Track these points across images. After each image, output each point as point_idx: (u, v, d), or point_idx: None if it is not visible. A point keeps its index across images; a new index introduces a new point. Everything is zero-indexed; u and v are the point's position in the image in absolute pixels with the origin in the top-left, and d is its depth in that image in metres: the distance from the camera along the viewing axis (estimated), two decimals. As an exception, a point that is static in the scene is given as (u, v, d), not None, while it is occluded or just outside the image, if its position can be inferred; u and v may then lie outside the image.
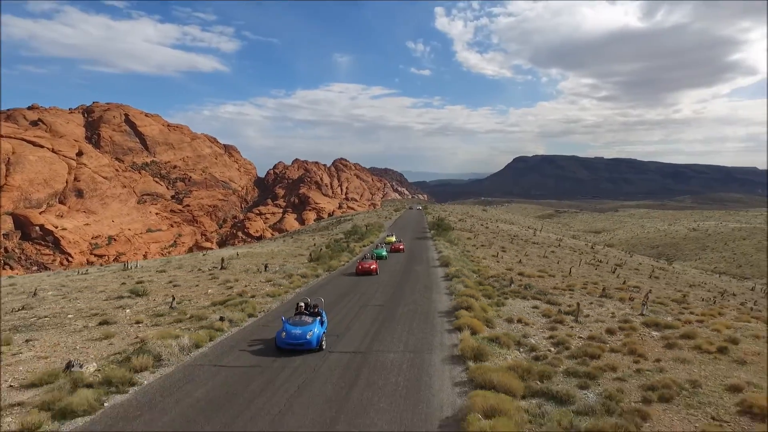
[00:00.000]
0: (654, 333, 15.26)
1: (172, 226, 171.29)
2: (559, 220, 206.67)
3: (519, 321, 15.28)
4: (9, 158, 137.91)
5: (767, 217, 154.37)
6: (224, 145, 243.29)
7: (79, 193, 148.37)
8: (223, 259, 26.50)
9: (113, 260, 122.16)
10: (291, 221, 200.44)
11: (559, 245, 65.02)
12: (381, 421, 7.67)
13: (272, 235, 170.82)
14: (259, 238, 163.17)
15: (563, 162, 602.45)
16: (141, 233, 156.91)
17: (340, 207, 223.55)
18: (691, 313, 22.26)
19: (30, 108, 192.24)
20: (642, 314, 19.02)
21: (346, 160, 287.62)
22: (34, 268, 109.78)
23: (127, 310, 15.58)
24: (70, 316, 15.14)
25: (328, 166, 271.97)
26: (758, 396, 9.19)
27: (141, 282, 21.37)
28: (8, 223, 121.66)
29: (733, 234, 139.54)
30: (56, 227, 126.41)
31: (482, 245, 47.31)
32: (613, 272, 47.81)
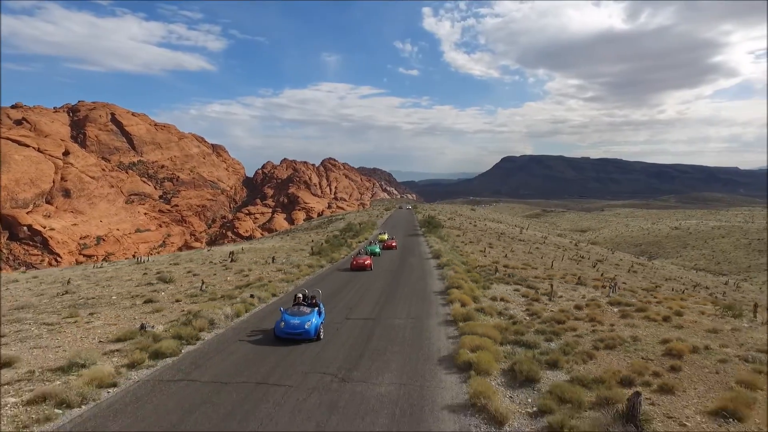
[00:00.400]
0: (614, 309, 18.27)
1: (160, 226, 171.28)
2: (546, 220, 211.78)
3: (501, 299, 18.15)
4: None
5: None
6: (212, 144, 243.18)
7: (67, 193, 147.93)
8: (232, 252, 28.91)
9: (102, 260, 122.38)
10: (280, 221, 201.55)
11: (544, 242, 68.46)
12: (395, 357, 10.44)
13: (262, 234, 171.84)
14: (249, 238, 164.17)
15: (551, 162, 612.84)
16: (130, 233, 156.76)
17: (329, 207, 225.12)
18: (654, 297, 25.42)
19: (13, 107, 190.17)
20: (609, 296, 22.09)
21: (334, 160, 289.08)
22: (22, 268, 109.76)
23: (163, 293, 18.03)
24: (113, 297, 17.55)
25: (316, 165, 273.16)
26: (680, 344, 12.15)
27: (161, 272, 23.74)
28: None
29: (713, 232, 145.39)
30: (44, 227, 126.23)
31: (470, 242, 50.32)
32: (594, 267, 51.27)
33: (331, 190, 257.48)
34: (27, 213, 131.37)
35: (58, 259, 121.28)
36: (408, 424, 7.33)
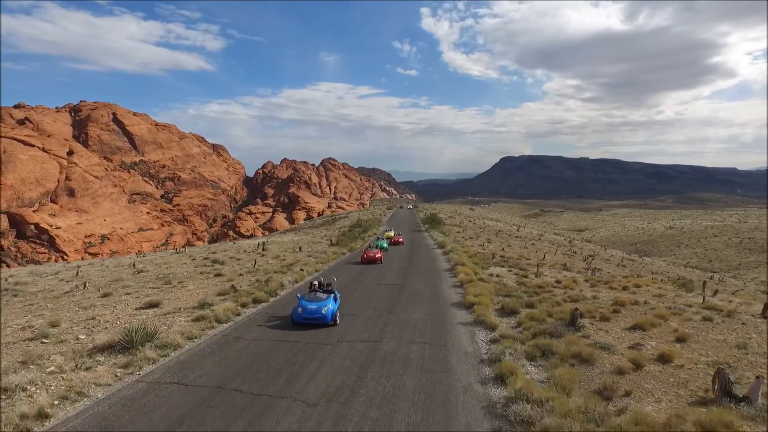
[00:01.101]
0: (587, 283, 23.03)
1: (162, 225, 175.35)
2: (544, 219, 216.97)
3: (497, 275, 22.88)
4: (0, 157, 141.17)
5: None
6: (212, 144, 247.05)
7: (71, 193, 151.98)
8: (263, 243, 33.47)
9: (110, 256, 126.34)
10: (281, 221, 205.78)
11: (540, 239, 73.35)
12: (421, 303, 15.23)
13: (263, 234, 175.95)
14: (250, 237, 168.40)
15: (549, 162, 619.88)
16: (133, 232, 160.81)
17: (329, 206, 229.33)
18: (626, 279, 30.18)
19: (16, 106, 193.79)
20: (586, 277, 26.86)
21: (334, 160, 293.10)
22: (30, 266, 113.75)
23: (224, 271, 22.65)
24: (185, 274, 22.15)
25: (316, 165, 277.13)
26: (624, 298, 16.90)
27: (208, 258, 28.35)
28: (3, 222, 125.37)
29: (706, 232, 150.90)
30: (51, 226, 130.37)
31: (470, 237, 55.08)
32: (584, 261, 56.14)
33: (330, 190, 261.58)
34: (33, 212, 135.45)
35: (65, 257, 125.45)
36: (436, 330, 12.05)
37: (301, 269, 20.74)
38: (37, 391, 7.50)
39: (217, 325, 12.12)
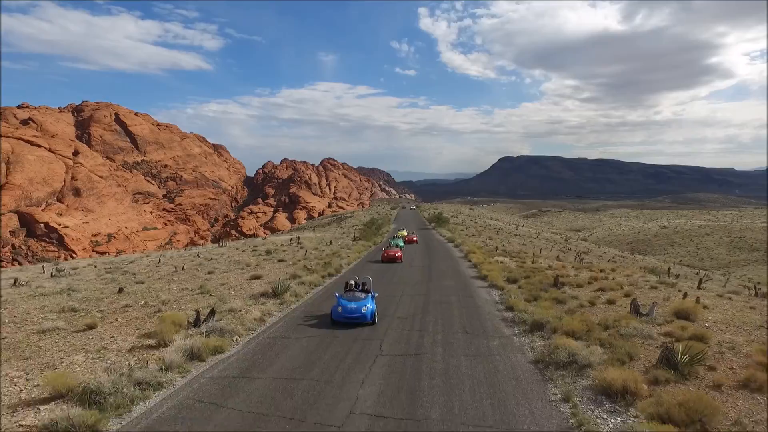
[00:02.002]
0: (573, 269, 29.11)
1: (165, 224, 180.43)
2: (543, 219, 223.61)
3: (501, 261, 28.94)
4: (8, 157, 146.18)
5: None
6: (213, 144, 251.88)
7: (77, 192, 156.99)
8: (297, 238, 39.30)
9: (115, 257, 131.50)
10: (282, 220, 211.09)
11: (537, 237, 79.61)
12: (448, 277, 21.34)
13: (265, 233, 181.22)
14: (252, 236, 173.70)
15: (548, 162, 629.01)
16: (137, 231, 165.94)
17: (329, 206, 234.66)
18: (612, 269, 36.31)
19: (20, 107, 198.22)
20: (573, 264, 33.00)
21: (334, 160, 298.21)
22: (41, 264, 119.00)
23: (282, 256, 28.54)
24: (252, 260, 27.99)
25: (316, 165, 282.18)
26: (598, 275, 22.95)
27: (256, 249, 34.22)
28: (14, 221, 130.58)
29: (699, 231, 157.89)
30: (59, 225, 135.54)
31: (473, 235, 61.18)
32: (577, 255, 62.38)
33: (330, 189, 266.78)
34: (41, 211, 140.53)
35: (74, 255, 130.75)
36: (463, 290, 18.12)
37: (348, 255, 26.73)
38: (247, 312, 13.43)
39: (314, 288, 18.10)
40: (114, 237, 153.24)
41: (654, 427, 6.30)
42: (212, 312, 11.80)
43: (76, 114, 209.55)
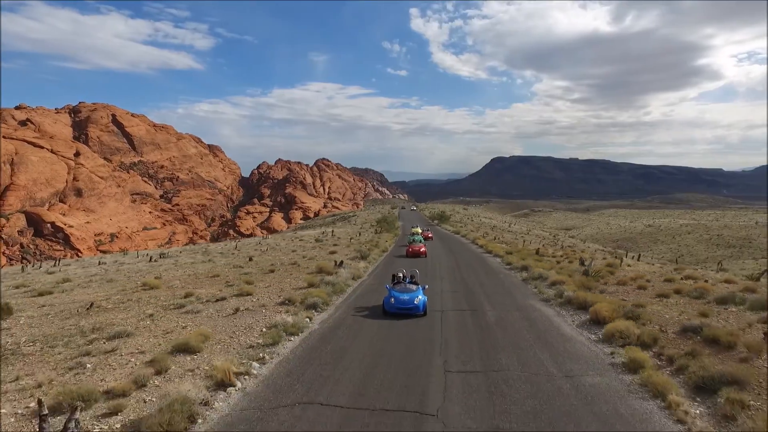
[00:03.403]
0: (552, 250, 39.35)
1: (164, 224, 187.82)
2: (534, 219, 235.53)
3: (500, 245, 39.10)
4: (13, 158, 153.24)
5: None
6: (208, 145, 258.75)
7: (78, 193, 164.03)
8: (331, 231, 48.86)
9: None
10: (278, 220, 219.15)
11: (528, 234, 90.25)
12: (465, 254, 31.38)
13: (263, 233, 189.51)
14: (250, 236, 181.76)
15: (539, 163, 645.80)
16: (138, 231, 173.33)
17: (324, 206, 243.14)
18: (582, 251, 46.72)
19: (17, 108, 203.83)
20: (555, 249, 43.28)
21: (327, 160, 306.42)
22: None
23: (335, 242, 38.20)
24: (309, 247, 37.62)
25: (310, 166, 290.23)
26: (569, 252, 33.16)
27: (302, 239, 43.86)
28: (22, 221, 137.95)
29: (681, 229, 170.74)
30: (65, 225, 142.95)
31: (471, 231, 71.45)
32: (562, 247, 73.04)
33: (324, 190, 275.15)
34: (47, 211, 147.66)
35: (79, 254, 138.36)
36: (477, 259, 28.17)
37: (386, 241, 36.59)
38: (355, 265, 23.16)
39: (380, 256, 27.98)
40: (117, 237, 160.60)
41: (572, 289, 16.26)
42: (341, 263, 21.55)
43: (73, 115, 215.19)
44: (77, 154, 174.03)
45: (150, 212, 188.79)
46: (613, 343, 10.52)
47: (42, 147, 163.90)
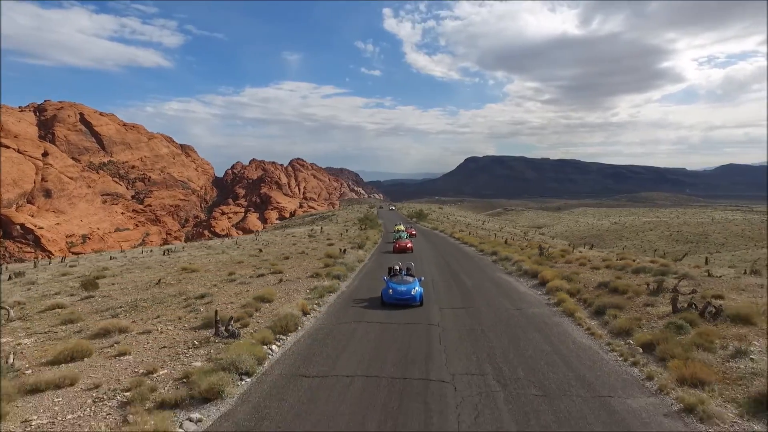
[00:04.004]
0: (520, 242, 45.04)
1: (137, 225, 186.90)
2: (507, 217, 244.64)
3: (475, 238, 44.55)
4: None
5: None
6: (181, 144, 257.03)
7: (47, 194, 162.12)
8: (321, 228, 53.18)
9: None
10: (253, 220, 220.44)
11: (500, 231, 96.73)
12: (446, 246, 36.66)
13: (238, 234, 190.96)
14: (226, 236, 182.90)
15: (512, 163, 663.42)
16: (110, 232, 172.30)
17: (300, 206, 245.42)
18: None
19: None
20: (522, 242, 49.10)
21: (302, 160, 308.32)
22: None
23: (328, 238, 42.72)
24: (307, 241, 42.05)
25: (285, 166, 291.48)
26: (534, 243, 38.81)
27: (294, 235, 48.19)
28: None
29: (644, 226, 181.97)
30: (35, 226, 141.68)
31: (448, 227, 77.00)
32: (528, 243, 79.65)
33: (300, 190, 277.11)
34: (16, 212, 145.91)
35: (51, 256, 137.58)
36: (457, 249, 33.32)
37: (373, 236, 41.38)
38: (355, 252, 27.89)
39: (374, 246, 32.81)
40: (89, 238, 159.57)
41: (528, 265, 21.47)
42: (345, 250, 26.27)
43: (38, 113, 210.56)
44: (45, 154, 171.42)
45: (122, 213, 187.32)
46: (550, 294, 15.77)
47: (8, 147, 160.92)
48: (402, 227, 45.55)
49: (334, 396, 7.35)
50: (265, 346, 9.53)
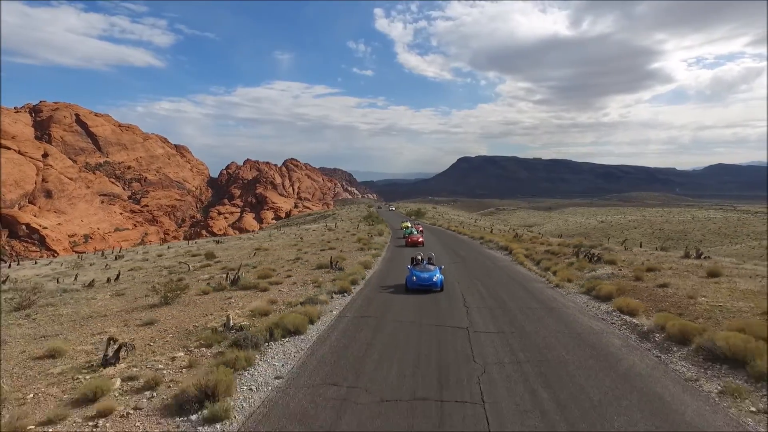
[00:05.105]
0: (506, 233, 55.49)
1: (135, 225, 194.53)
2: (499, 217, 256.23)
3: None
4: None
5: None
6: (175, 145, 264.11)
7: (48, 194, 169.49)
8: (335, 225, 63.05)
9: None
10: (249, 220, 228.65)
11: (491, 228, 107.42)
12: (447, 237, 46.89)
13: (234, 233, 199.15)
14: (223, 236, 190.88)
15: (505, 163, 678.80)
16: (110, 232, 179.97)
17: (295, 206, 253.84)
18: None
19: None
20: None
21: (296, 161, 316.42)
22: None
23: (344, 233, 52.63)
24: (335, 236, 51.90)
25: (279, 166, 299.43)
26: (524, 236, 49.23)
27: (313, 230, 58.03)
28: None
29: (629, 225, 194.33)
30: (40, 226, 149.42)
31: (444, 223, 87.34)
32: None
33: (294, 190, 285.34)
34: (21, 212, 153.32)
35: (55, 255, 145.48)
36: (455, 238, 43.56)
37: (384, 230, 51.39)
38: (378, 239, 37.89)
39: (389, 237, 42.87)
40: (91, 238, 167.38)
41: (504, 243, 31.64)
42: (372, 236, 36.26)
43: (33, 114, 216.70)
44: (45, 155, 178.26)
45: (120, 213, 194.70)
46: (513, 256, 26.10)
47: (9, 148, 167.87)
48: (409, 224, 50.67)
49: (400, 292, 17.12)
50: (364, 270, 19.54)
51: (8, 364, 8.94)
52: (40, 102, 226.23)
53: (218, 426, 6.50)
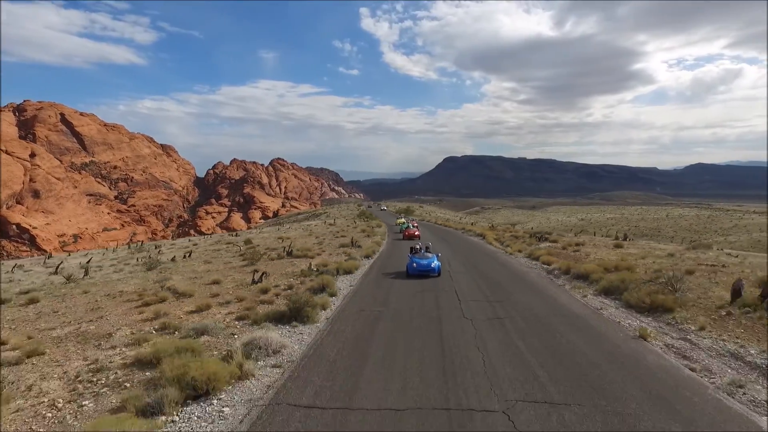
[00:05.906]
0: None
1: (123, 225, 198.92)
2: (484, 215, 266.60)
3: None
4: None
5: None
6: (162, 144, 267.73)
7: (36, 194, 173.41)
8: (334, 220, 70.91)
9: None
10: (237, 220, 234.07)
11: (473, 223, 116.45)
12: (437, 230, 55.28)
13: (222, 233, 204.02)
14: (212, 236, 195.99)
15: (490, 162, 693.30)
16: (98, 232, 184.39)
17: (283, 206, 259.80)
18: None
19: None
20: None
21: (283, 160, 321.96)
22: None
23: (345, 228, 60.66)
24: (338, 230, 59.84)
25: (265, 165, 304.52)
26: (507, 229, 57.94)
27: (315, 226, 65.93)
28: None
29: (607, 222, 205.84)
30: (30, 226, 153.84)
31: (432, 219, 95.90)
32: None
33: (281, 189, 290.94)
34: (10, 212, 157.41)
35: (49, 255, 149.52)
36: (445, 230, 52.02)
37: (379, 225, 59.45)
38: (378, 231, 46.00)
39: (386, 230, 51.07)
40: (80, 237, 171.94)
41: (481, 232, 40.07)
42: (373, 227, 44.36)
43: (17, 113, 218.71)
44: (32, 155, 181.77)
45: (108, 213, 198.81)
46: (485, 239, 34.64)
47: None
48: (404, 220, 57.59)
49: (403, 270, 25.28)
50: (377, 246, 27.81)
51: (203, 281, 17.04)
52: (24, 101, 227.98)
53: (334, 298, 14.63)
